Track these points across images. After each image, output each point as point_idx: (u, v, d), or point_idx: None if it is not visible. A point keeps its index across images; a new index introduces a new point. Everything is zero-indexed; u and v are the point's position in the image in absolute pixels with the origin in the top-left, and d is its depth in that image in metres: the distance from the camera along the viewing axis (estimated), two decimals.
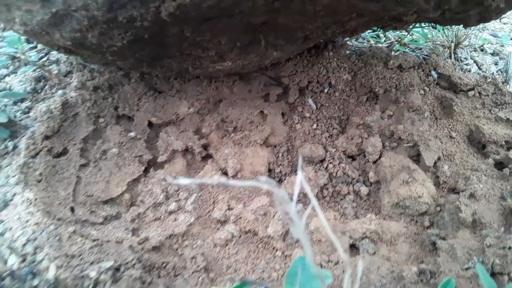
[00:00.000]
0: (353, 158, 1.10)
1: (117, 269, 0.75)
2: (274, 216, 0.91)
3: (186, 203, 0.98)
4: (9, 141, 1.02)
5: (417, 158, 1.06)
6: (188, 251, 0.85)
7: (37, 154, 0.99)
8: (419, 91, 1.16)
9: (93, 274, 0.71)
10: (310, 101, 1.19)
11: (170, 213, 0.96)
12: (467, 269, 0.78)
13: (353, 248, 0.89)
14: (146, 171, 1.07)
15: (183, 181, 0.51)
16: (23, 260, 0.74)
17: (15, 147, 1.01)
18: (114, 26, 0.83)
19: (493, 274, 0.78)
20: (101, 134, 1.11)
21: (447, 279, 0.64)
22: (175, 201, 0.99)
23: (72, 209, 0.93)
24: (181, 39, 0.90)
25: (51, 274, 0.71)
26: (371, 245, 0.88)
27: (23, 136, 1.02)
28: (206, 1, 0.75)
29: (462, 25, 1.04)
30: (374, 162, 1.07)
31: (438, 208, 0.96)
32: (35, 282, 0.72)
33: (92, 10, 0.79)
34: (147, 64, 1.08)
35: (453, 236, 0.87)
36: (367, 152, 1.07)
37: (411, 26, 1.39)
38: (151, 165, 1.09)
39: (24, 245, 0.77)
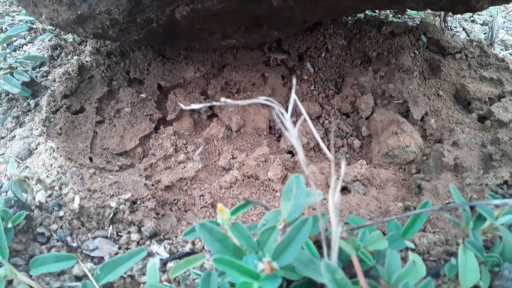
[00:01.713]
0: (347, 115, 1.19)
1: (134, 202, 0.84)
2: (273, 162, 1.00)
3: (194, 155, 1.07)
4: (31, 100, 1.11)
5: (406, 113, 1.14)
6: (196, 191, 0.95)
7: (57, 110, 1.08)
8: (410, 53, 1.24)
9: (113, 204, 0.81)
10: (308, 65, 1.28)
11: (179, 162, 1.05)
12: (447, 203, 0.87)
13: (345, 190, 0.98)
14: (156, 128, 1.16)
15: (195, 106, 0.60)
16: (50, 195, 0.83)
17: (36, 104, 1.10)
18: (132, 25, 0.94)
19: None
20: (115, 95, 1.20)
21: (424, 201, 0.73)
22: (184, 153, 1.08)
23: (91, 159, 1.02)
24: (191, 28, 1.01)
25: (75, 204, 0.80)
26: (362, 187, 0.97)
27: (44, 95, 1.11)
28: (217, 5, 0.84)
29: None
30: (367, 118, 1.15)
31: (425, 158, 1.05)
32: (61, 213, 0.81)
33: (114, 14, 0.89)
34: (158, 43, 1.18)
35: (436, 178, 0.96)
36: (360, 109, 1.15)
37: None
38: (161, 123, 1.18)
39: (50, 183, 0.86)
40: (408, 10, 1.55)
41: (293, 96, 0.56)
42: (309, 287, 0.62)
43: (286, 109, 0.63)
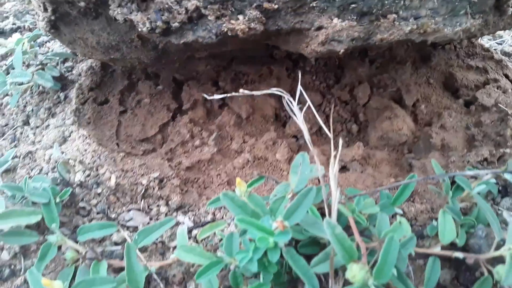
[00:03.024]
0: (346, 102, 1.31)
1: (161, 180, 0.97)
2: (281, 145, 1.12)
3: (209, 140, 1.19)
4: (60, 93, 1.23)
5: (399, 100, 1.26)
6: (213, 171, 1.07)
7: (85, 102, 1.20)
8: (403, 46, 1.36)
9: (144, 181, 0.93)
10: None
11: (196, 147, 1.18)
12: (432, 178, 0.99)
13: (344, 169, 1.11)
14: (173, 117, 1.28)
15: (217, 96, 0.72)
16: (88, 175, 0.96)
17: (66, 97, 1.23)
18: (157, 63, 1.05)
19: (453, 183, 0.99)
20: (135, 87, 1.32)
21: (411, 174, 0.85)
22: (199, 139, 1.20)
23: (118, 144, 1.15)
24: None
25: (112, 182, 0.93)
26: (359, 166, 1.09)
27: (72, 88, 1.23)
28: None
29: None
30: (364, 105, 1.27)
31: (416, 139, 1.17)
32: (99, 190, 0.94)
33: (143, 60, 1.01)
34: None
35: (425, 157, 1.08)
36: (358, 97, 1.27)
37: None
38: (177, 112, 1.30)
39: (88, 164, 0.98)
40: None
41: (299, 87, 0.69)
42: (313, 245, 0.74)
43: (292, 98, 0.75)
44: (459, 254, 0.73)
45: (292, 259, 0.67)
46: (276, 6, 0.83)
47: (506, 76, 1.25)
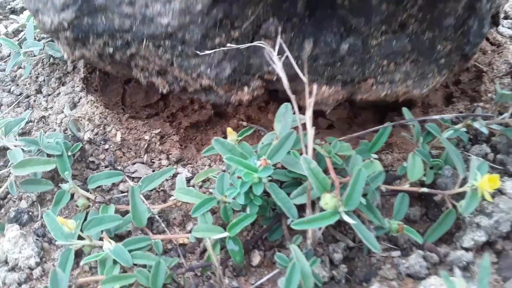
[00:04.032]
0: None
1: (162, 136, 1.07)
2: (272, 105, 1.21)
3: (207, 104, 1.28)
4: (69, 63, 1.33)
5: None
6: (210, 131, 1.17)
7: (92, 71, 1.30)
8: None
9: (147, 137, 1.03)
10: None
11: (195, 110, 1.27)
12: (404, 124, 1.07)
13: (331, 127, 1.20)
14: None
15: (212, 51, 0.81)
16: (96, 133, 1.06)
17: (74, 67, 1.32)
18: None
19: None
20: None
21: (386, 124, 0.94)
22: (198, 103, 1.30)
23: (123, 109, 1.24)
24: None
25: (118, 138, 1.03)
26: (346, 125, 1.18)
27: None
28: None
29: None
30: None
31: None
32: (106, 146, 1.04)
33: None
34: None
35: None
36: None
37: None
38: None
39: (97, 123, 1.08)
40: None
41: (279, 39, 0.77)
42: (295, 185, 0.83)
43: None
44: (425, 189, 0.82)
45: (274, 192, 0.76)
46: (275, 78, 0.92)
47: (486, 38, 1.32)
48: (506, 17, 1.53)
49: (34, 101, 1.26)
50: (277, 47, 0.75)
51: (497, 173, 0.88)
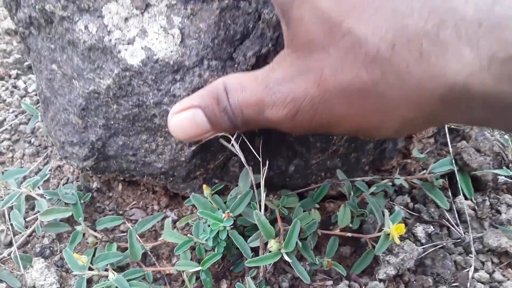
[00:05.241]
0: None
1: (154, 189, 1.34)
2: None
3: None
4: None
5: None
6: None
7: None
8: None
9: (142, 188, 1.30)
10: None
11: None
12: (339, 183, 1.35)
13: None
14: None
15: None
16: (103, 182, 1.33)
17: None
18: None
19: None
20: None
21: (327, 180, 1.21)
22: None
23: None
24: None
25: (119, 188, 1.30)
26: None
27: None
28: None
29: None
30: None
31: None
32: (111, 194, 1.31)
33: None
34: None
35: None
36: None
37: None
38: None
39: None
40: None
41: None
42: (255, 229, 1.10)
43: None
44: (349, 234, 1.09)
45: (234, 238, 1.03)
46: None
47: None
48: None
49: (51, 151, 1.53)
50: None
51: (414, 220, 1.16)
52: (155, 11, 1.01)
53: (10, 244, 1.21)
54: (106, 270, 1.07)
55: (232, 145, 0.99)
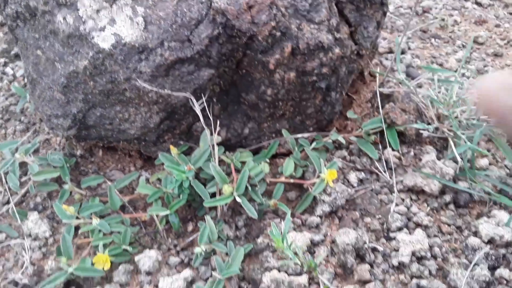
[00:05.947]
0: None
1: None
2: None
3: None
4: None
5: None
6: None
7: None
8: None
9: (120, 153, 1.52)
10: None
11: None
12: (284, 142, 1.57)
13: None
14: None
15: None
16: (85, 150, 1.54)
17: None
18: None
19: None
20: None
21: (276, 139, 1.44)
22: None
23: None
24: None
25: (100, 154, 1.51)
26: None
27: None
28: None
29: None
30: None
31: None
32: (93, 159, 1.52)
33: None
34: None
35: None
36: None
37: None
38: None
39: None
40: None
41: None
42: (214, 180, 1.32)
43: None
44: (291, 180, 1.32)
45: (196, 185, 1.25)
46: None
47: (361, 72, 1.82)
48: (390, 51, 2.06)
49: (39, 127, 1.73)
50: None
51: (349, 169, 1.39)
52: (122, 3, 1.22)
53: (7, 203, 1.42)
54: (91, 218, 1.29)
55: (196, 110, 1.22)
